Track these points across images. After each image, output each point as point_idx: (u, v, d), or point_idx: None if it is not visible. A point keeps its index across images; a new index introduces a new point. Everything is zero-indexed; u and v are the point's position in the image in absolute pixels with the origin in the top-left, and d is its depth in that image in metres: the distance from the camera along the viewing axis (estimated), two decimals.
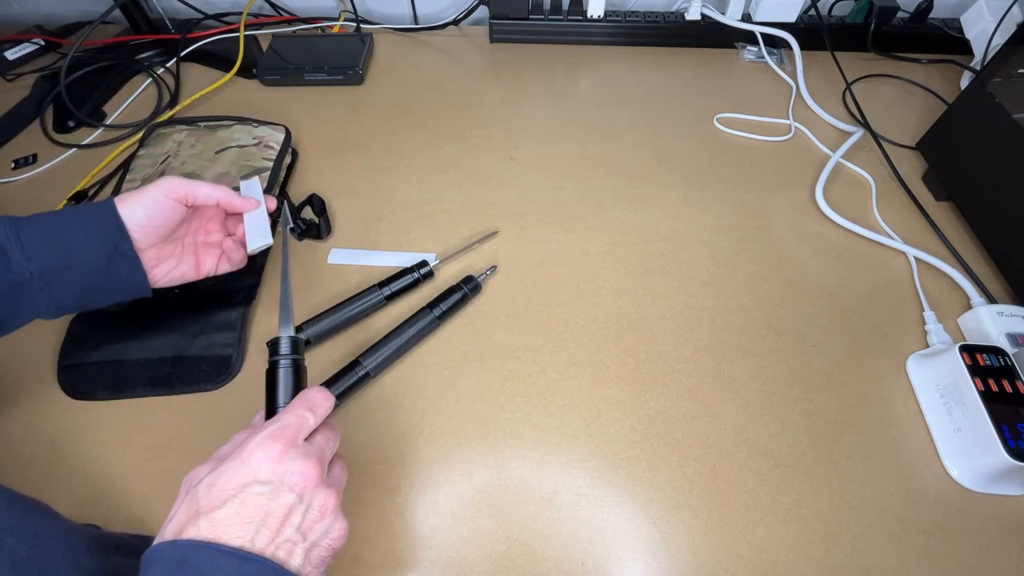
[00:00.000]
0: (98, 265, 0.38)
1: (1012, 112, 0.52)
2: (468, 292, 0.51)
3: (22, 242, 0.35)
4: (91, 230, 0.38)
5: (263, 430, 0.30)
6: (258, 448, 0.29)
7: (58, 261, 0.36)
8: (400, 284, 0.52)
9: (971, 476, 0.42)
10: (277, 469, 0.29)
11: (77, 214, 0.38)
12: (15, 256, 0.35)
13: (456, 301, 0.50)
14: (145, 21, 0.81)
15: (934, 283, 0.55)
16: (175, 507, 0.29)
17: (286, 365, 0.36)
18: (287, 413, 0.32)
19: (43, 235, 0.36)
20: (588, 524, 0.40)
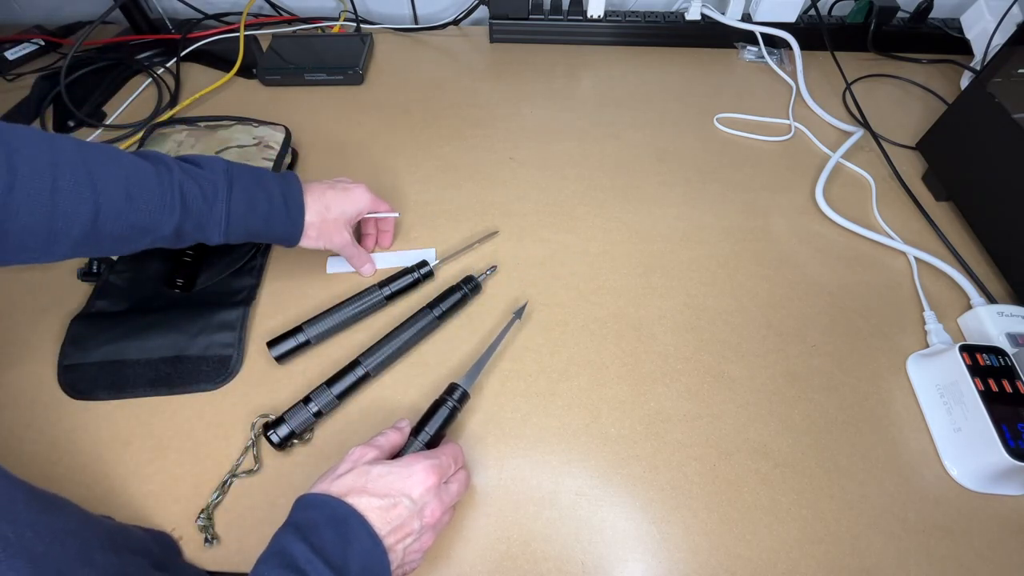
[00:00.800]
0: (265, 238, 0.47)
1: (1012, 112, 0.52)
2: (468, 292, 0.51)
3: (230, 231, 0.43)
4: (277, 227, 0.46)
5: (429, 457, 0.37)
6: (423, 472, 0.35)
7: (242, 238, 0.45)
8: (400, 284, 0.52)
9: (971, 476, 0.42)
10: (424, 496, 0.35)
11: (276, 208, 0.45)
12: (215, 236, 0.43)
13: (456, 301, 0.50)
14: (145, 21, 0.81)
15: (934, 283, 0.55)
16: (341, 469, 0.36)
17: (451, 408, 0.42)
18: (445, 456, 0.38)
19: (244, 225, 0.44)
20: (588, 524, 0.40)
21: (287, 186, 0.47)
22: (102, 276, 0.52)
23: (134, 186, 0.38)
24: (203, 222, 0.42)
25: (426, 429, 0.41)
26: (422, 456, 0.37)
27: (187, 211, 0.41)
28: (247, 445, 0.43)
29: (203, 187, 0.42)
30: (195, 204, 0.41)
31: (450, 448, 0.39)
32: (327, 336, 0.49)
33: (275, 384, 0.47)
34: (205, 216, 0.42)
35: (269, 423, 0.43)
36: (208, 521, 0.40)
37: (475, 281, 0.52)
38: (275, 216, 0.45)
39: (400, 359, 0.49)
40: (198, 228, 0.42)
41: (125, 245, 0.40)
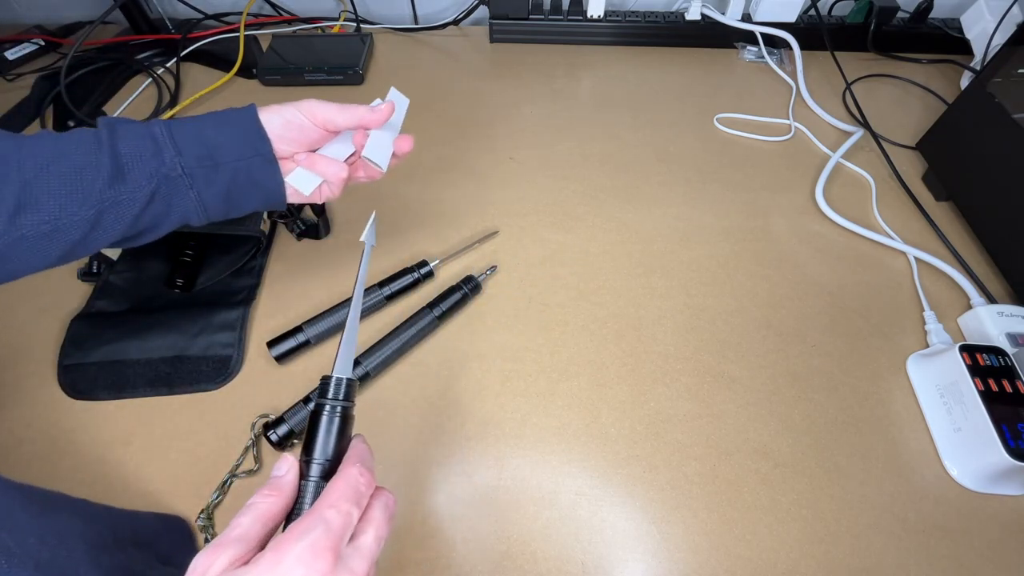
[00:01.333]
0: (240, 167, 0.38)
1: (1012, 112, 0.52)
2: (468, 292, 0.51)
3: (175, 139, 0.36)
4: (235, 132, 0.38)
5: (303, 534, 0.23)
6: (298, 565, 0.23)
7: (205, 160, 0.37)
8: (400, 284, 0.52)
9: (971, 476, 0.42)
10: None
11: (221, 118, 0.39)
12: (168, 153, 0.36)
13: (456, 301, 0.50)
14: (145, 21, 0.81)
15: (934, 283, 0.55)
16: None
17: (333, 412, 0.29)
18: (330, 507, 0.25)
19: (193, 135, 0.37)
20: (588, 524, 0.40)
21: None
22: (102, 276, 0.52)
23: (61, 139, 0.34)
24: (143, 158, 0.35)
25: (314, 458, 0.28)
26: (291, 538, 0.23)
27: (117, 140, 0.35)
28: (247, 445, 0.43)
29: (134, 123, 0.37)
30: (128, 135, 0.36)
31: (340, 482, 0.26)
32: (327, 336, 0.49)
33: (275, 384, 0.47)
34: (142, 144, 0.35)
35: (269, 423, 0.43)
36: (208, 521, 0.40)
37: (475, 281, 0.52)
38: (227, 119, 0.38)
39: (400, 359, 0.49)
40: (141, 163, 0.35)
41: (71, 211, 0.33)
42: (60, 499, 0.31)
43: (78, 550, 0.28)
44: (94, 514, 0.32)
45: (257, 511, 0.25)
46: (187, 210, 0.38)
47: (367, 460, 0.28)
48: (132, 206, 0.35)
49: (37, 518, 0.28)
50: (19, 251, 0.33)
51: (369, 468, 0.27)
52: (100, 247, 0.36)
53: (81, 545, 0.28)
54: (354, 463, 0.27)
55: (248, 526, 0.25)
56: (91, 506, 0.33)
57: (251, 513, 0.25)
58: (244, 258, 0.54)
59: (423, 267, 0.53)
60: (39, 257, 0.34)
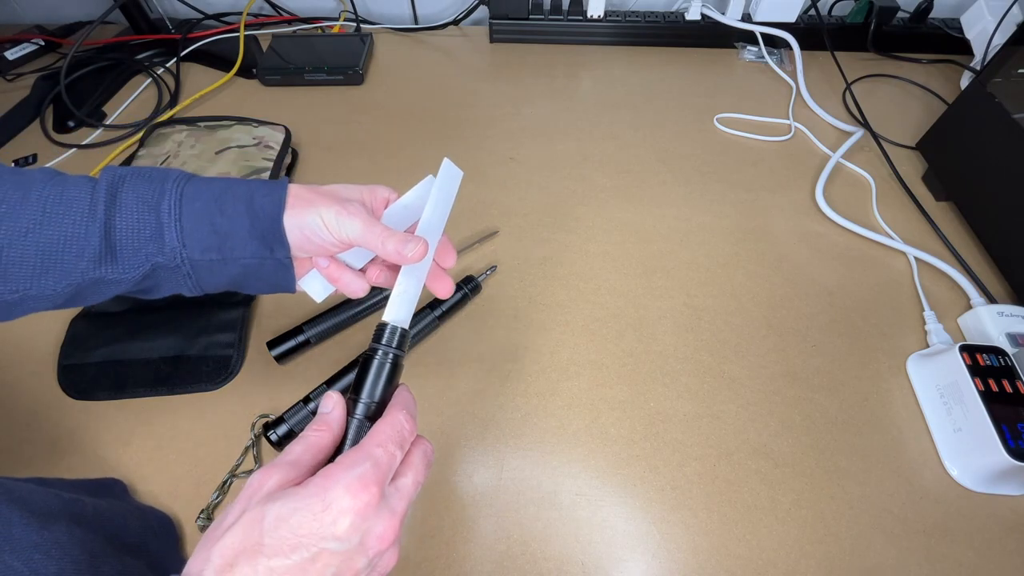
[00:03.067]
0: (250, 264, 0.34)
1: (1012, 112, 0.52)
2: (468, 292, 0.51)
3: (182, 223, 0.31)
4: (252, 226, 0.33)
5: (352, 465, 0.25)
6: (346, 494, 0.24)
7: (212, 251, 0.32)
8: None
9: (971, 476, 0.42)
10: (360, 526, 0.24)
11: (240, 202, 0.33)
12: (171, 239, 0.31)
13: (456, 301, 0.50)
14: (145, 21, 0.81)
15: (934, 283, 0.55)
16: (230, 518, 0.25)
17: (392, 359, 0.31)
18: (378, 446, 0.26)
19: (205, 218, 0.32)
20: (588, 524, 0.40)
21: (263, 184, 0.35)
22: None
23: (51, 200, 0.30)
24: (142, 227, 0.31)
25: (361, 398, 0.30)
26: (341, 467, 0.25)
27: (116, 211, 0.31)
28: (247, 445, 0.43)
29: (144, 185, 0.32)
30: (130, 205, 0.31)
31: (387, 425, 0.28)
32: (327, 336, 0.49)
33: (275, 384, 0.47)
34: (143, 220, 0.31)
35: (269, 423, 0.43)
36: (208, 521, 0.40)
37: (475, 281, 0.52)
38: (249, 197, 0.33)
39: None
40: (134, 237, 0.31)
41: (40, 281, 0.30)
42: (56, 507, 0.31)
43: (82, 560, 0.28)
44: (91, 519, 0.32)
45: (308, 441, 0.27)
46: (179, 290, 0.34)
47: (411, 408, 0.30)
48: (118, 285, 0.31)
49: (39, 532, 0.27)
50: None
51: (413, 415, 0.29)
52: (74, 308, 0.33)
53: (83, 555, 0.28)
54: (400, 409, 0.29)
55: (300, 453, 0.27)
56: (86, 509, 0.32)
57: (303, 443, 0.27)
58: None
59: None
60: (1, 317, 0.31)
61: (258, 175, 0.58)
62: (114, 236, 0.30)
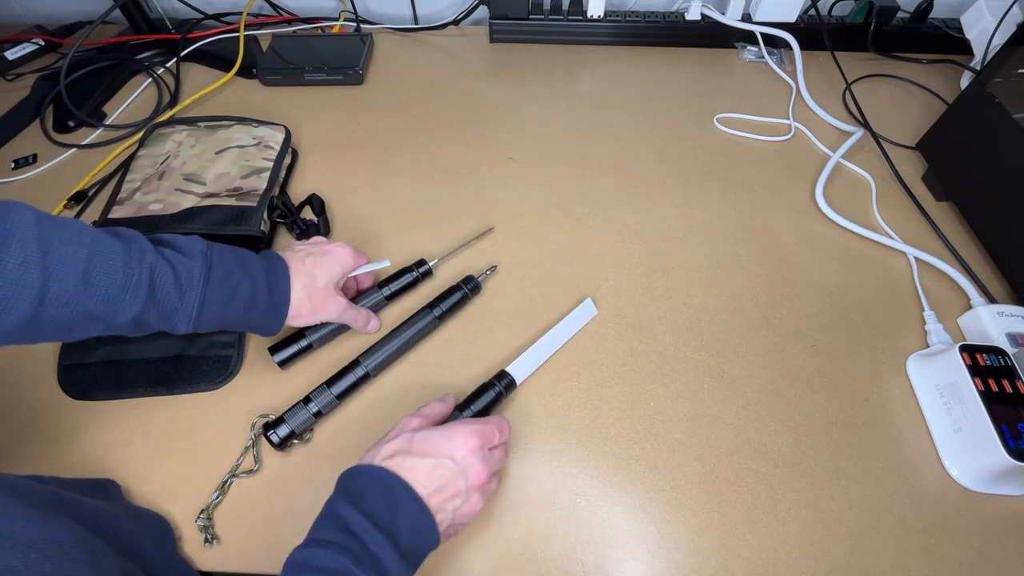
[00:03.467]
0: (241, 327, 0.43)
1: (1012, 112, 0.52)
2: (468, 292, 0.51)
3: (200, 322, 0.39)
4: (256, 316, 0.42)
5: (472, 423, 0.38)
6: (464, 435, 0.37)
7: (213, 328, 0.41)
8: (399, 284, 0.52)
9: (971, 476, 0.42)
10: (467, 458, 0.36)
11: (258, 296, 0.41)
12: (182, 321, 0.38)
13: (456, 301, 0.50)
14: (145, 21, 0.81)
15: (934, 283, 0.55)
16: (388, 436, 0.38)
17: (497, 393, 0.45)
18: (491, 424, 0.39)
19: (217, 315, 0.39)
20: (588, 524, 0.40)
21: (272, 270, 0.43)
22: None
23: (95, 269, 0.34)
24: (169, 312, 0.37)
25: (471, 407, 0.43)
26: (465, 421, 0.38)
27: (153, 300, 0.36)
28: (247, 445, 0.43)
29: (177, 272, 0.37)
30: (164, 292, 0.36)
31: (495, 419, 0.40)
32: (328, 337, 0.49)
33: (275, 384, 0.47)
34: (173, 305, 0.37)
35: (269, 423, 0.43)
36: (208, 521, 0.40)
37: (475, 281, 0.52)
38: (256, 304, 0.41)
39: (400, 359, 0.49)
40: (162, 318, 0.37)
41: (68, 333, 0.36)
42: (55, 504, 0.31)
43: (80, 559, 0.28)
44: (89, 519, 0.32)
45: (432, 408, 0.42)
46: None
47: (505, 429, 0.41)
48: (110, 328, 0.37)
49: (38, 530, 0.27)
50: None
51: (504, 430, 0.40)
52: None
53: (82, 554, 0.28)
54: (503, 418, 0.41)
55: (429, 412, 0.41)
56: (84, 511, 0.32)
57: (428, 408, 0.42)
58: None
59: (422, 266, 0.53)
60: None
61: (258, 175, 0.58)
62: (142, 317, 0.37)
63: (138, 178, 0.58)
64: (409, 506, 0.34)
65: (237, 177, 0.57)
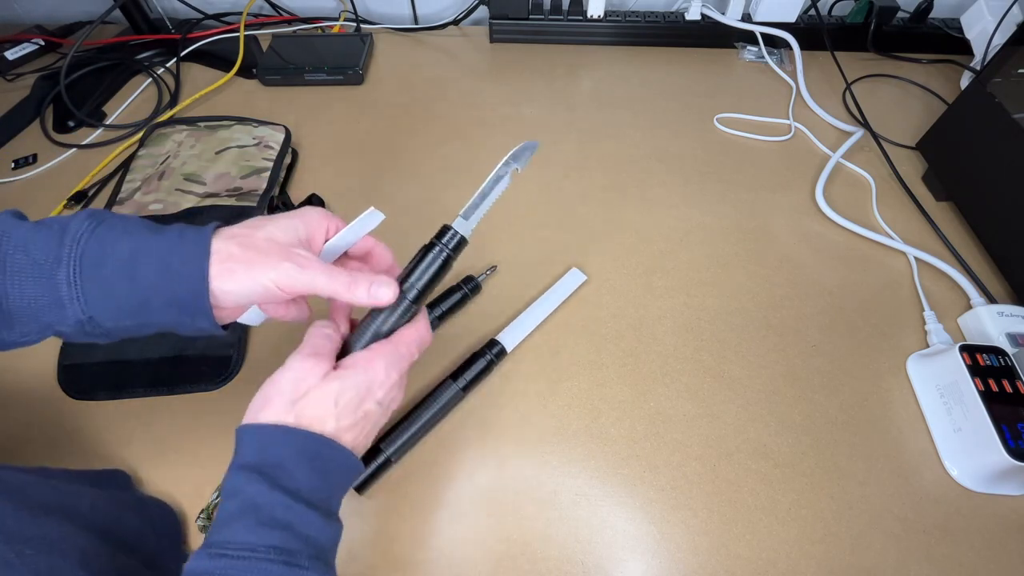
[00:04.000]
0: (167, 326, 0.31)
1: (1012, 112, 0.52)
2: (468, 292, 0.51)
3: (85, 296, 0.28)
4: (171, 297, 0.29)
5: (391, 351, 0.33)
6: (385, 368, 0.32)
7: (126, 320, 0.29)
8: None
9: (971, 476, 0.42)
10: (389, 394, 0.33)
11: (154, 270, 0.29)
12: (73, 312, 0.28)
13: (456, 301, 0.50)
14: (145, 21, 0.81)
15: (934, 283, 0.55)
16: (295, 389, 0.31)
17: (445, 257, 0.36)
18: (408, 344, 0.34)
19: (114, 290, 0.28)
20: (588, 524, 0.40)
21: (184, 227, 0.31)
22: None
23: None
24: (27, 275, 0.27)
25: (412, 282, 0.34)
26: (377, 354, 0.32)
27: (5, 277, 0.27)
28: None
29: (40, 245, 0.28)
30: (22, 270, 0.27)
31: (413, 330, 0.34)
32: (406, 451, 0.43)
33: None
34: (38, 290, 0.27)
35: None
36: (208, 521, 0.40)
37: (475, 281, 0.52)
38: (150, 250, 0.29)
39: None
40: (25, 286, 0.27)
41: None
42: (52, 497, 0.31)
43: (72, 557, 0.28)
44: (86, 515, 0.32)
45: (324, 333, 0.33)
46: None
47: (429, 334, 0.36)
48: (14, 346, 0.29)
49: (31, 525, 0.27)
50: None
51: (426, 332, 0.35)
52: None
53: (75, 552, 0.28)
54: (425, 322, 0.36)
55: (319, 344, 0.33)
56: (81, 502, 0.32)
57: (319, 334, 0.33)
58: None
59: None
60: None
61: (258, 175, 0.58)
62: (7, 304, 0.27)
63: (138, 178, 0.58)
64: (341, 465, 0.31)
65: (237, 177, 0.58)
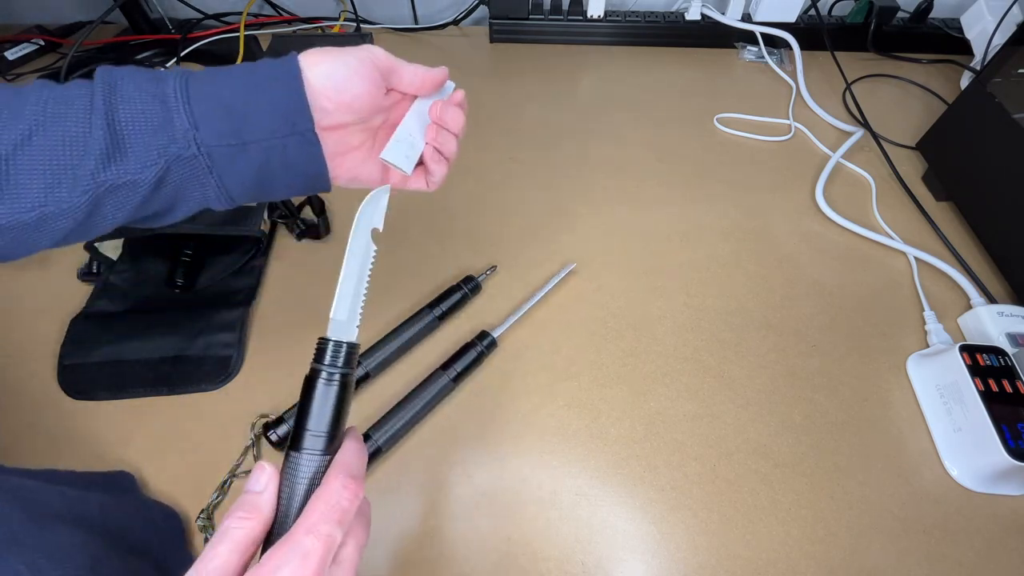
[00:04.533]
0: (274, 146, 0.30)
1: (1012, 112, 0.52)
2: (468, 292, 0.51)
3: (191, 104, 0.28)
4: (270, 100, 0.29)
5: (278, 568, 0.22)
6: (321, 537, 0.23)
7: (229, 137, 0.29)
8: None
9: (971, 476, 0.42)
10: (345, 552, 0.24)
11: (253, 77, 0.30)
12: (181, 123, 0.28)
13: (456, 301, 0.50)
14: (145, 21, 0.81)
15: (934, 283, 0.55)
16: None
17: (330, 380, 0.26)
18: (308, 534, 0.23)
19: (214, 99, 0.29)
20: (588, 524, 0.40)
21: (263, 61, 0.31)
22: (102, 276, 0.52)
23: (51, 101, 0.27)
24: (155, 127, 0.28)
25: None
26: (282, 550, 0.22)
27: (117, 102, 0.28)
28: (247, 445, 0.43)
29: (144, 76, 0.29)
30: (131, 95, 0.28)
31: (321, 503, 0.24)
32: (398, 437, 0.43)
33: (275, 384, 0.47)
34: (149, 108, 0.28)
35: (269, 423, 0.43)
36: (208, 521, 0.40)
37: (475, 281, 0.52)
38: (259, 79, 0.30)
39: (400, 359, 0.49)
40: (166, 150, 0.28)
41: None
42: (59, 503, 0.30)
43: (84, 565, 0.28)
44: (95, 520, 0.32)
45: (234, 539, 0.23)
46: (207, 196, 0.31)
47: (353, 467, 0.25)
48: (135, 191, 0.28)
49: (42, 534, 0.27)
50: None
51: (355, 476, 0.25)
52: (103, 232, 0.30)
53: (85, 559, 0.28)
54: (337, 475, 0.24)
55: (226, 557, 0.22)
56: (89, 506, 0.32)
57: (227, 542, 0.23)
58: (244, 258, 0.54)
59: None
60: (25, 246, 0.28)
61: None
62: (119, 128, 0.27)
63: None
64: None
65: None
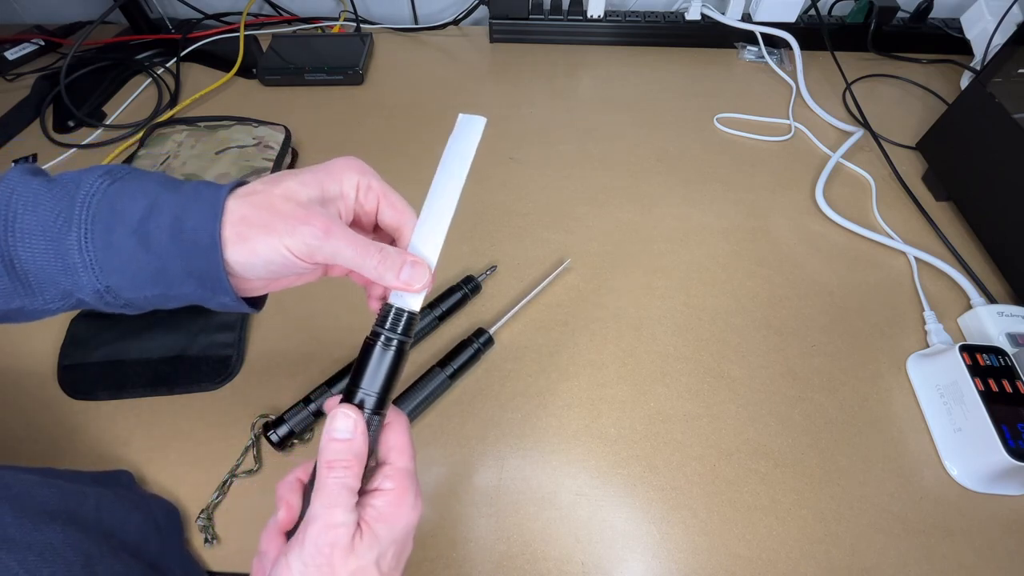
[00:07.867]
0: (192, 299, 0.28)
1: (1012, 112, 0.52)
2: (468, 292, 0.51)
3: (98, 263, 0.25)
4: (186, 266, 0.26)
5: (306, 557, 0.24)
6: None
7: (147, 290, 0.27)
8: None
9: (971, 476, 0.42)
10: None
11: (167, 234, 0.25)
12: (89, 281, 0.25)
13: (456, 301, 0.50)
14: (145, 21, 0.81)
15: (934, 283, 0.55)
16: None
17: (388, 345, 0.27)
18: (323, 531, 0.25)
19: (128, 257, 0.25)
20: (588, 524, 0.40)
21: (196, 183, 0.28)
22: None
23: None
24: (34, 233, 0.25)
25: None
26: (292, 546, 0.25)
27: (16, 240, 0.25)
28: (247, 445, 0.43)
29: (47, 207, 0.25)
30: (32, 232, 0.25)
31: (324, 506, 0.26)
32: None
33: (275, 384, 0.47)
34: (48, 256, 0.25)
35: (269, 423, 0.43)
36: (208, 521, 0.40)
37: (475, 281, 0.52)
38: (162, 209, 0.26)
39: None
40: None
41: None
42: (54, 501, 0.30)
43: (76, 563, 0.28)
44: (90, 517, 0.32)
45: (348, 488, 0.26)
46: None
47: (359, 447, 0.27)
48: (43, 314, 0.27)
49: (33, 531, 0.27)
50: None
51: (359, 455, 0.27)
52: None
53: (79, 558, 0.28)
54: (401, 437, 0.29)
55: (343, 517, 0.25)
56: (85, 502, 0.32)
57: (343, 504, 0.26)
58: None
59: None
60: None
61: (257, 175, 0.58)
62: (21, 267, 0.25)
63: None
64: None
65: (237, 177, 0.57)
